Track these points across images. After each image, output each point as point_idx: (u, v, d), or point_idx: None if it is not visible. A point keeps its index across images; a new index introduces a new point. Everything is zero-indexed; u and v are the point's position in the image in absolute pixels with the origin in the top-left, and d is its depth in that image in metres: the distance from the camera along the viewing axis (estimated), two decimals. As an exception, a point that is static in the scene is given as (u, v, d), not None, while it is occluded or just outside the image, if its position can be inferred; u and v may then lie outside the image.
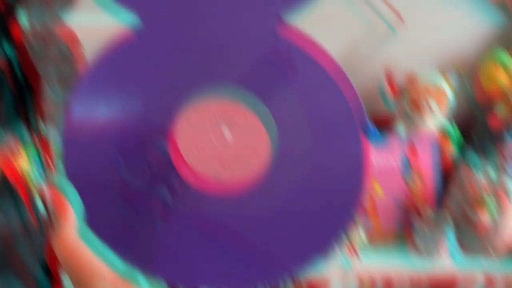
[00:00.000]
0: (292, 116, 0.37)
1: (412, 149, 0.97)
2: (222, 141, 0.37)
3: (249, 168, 0.37)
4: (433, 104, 0.98)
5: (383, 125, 1.08)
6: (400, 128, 1.03)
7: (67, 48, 0.85)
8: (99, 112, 0.36)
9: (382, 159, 0.96)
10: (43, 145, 0.90)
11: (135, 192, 0.36)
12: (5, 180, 0.78)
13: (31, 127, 0.88)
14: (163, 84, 0.36)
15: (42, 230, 0.84)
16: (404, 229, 0.99)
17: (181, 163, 0.36)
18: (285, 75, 0.36)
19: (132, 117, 0.36)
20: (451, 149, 0.98)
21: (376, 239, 0.98)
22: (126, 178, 0.36)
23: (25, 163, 0.84)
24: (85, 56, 0.88)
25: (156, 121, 0.36)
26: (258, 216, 0.37)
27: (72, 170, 0.36)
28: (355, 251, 0.92)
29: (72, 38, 0.86)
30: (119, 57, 0.37)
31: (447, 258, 0.91)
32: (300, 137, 0.37)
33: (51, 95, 0.85)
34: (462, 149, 1.01)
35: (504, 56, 1.05)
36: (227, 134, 0.37)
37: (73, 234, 0.35)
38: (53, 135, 0.92)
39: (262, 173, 0.37)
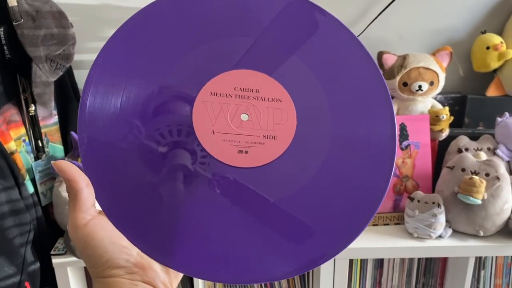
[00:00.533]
0: (319, 80, 0.36)
1: (404, 130, 0.97)
2: (248, 113, 0.35)
3: (275, 137, 0.35)
4: (424, 85, 0.98)
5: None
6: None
7: (57, 28, 0.84)
8: (121, 80, 0.35)
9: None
10: (33, 125, 0.90)
11: (157, 159, 0.34)
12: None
13: (21, 106, 0.88)
14: (189, 55, 0.36)
15: (30, 210, 0.84)
16: (395, 211, 0.99)
17: (204, 133, 0.35)
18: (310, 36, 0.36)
19: (158, 84, 0.35)
20: (442, 130, 0.98)
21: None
22: (148, 145, 0.34)
23: (14, 142, 0.84)
24: (74, 34, 0.87)
25: (182, 89, 0.35)
26: (285, 187, 0.35)
27: (92, 145, 0.34)
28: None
29: (61, 17, 0.85)
30: (144, 24, 0.36)
31: (437, 240, 0.91)
32: (326, 105, 0.36)
33: (41, 74, 0.84)
34: (453, 130, 1.01)
35: (495, 39, 1.05)
36: (252, 107, 0.35)
37: (86, 220, 0.33)
38: (43, 115, 0.92)
39: (288, 142, 0.35)
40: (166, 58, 0.35)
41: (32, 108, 0.88)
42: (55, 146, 0.97)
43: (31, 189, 0.86)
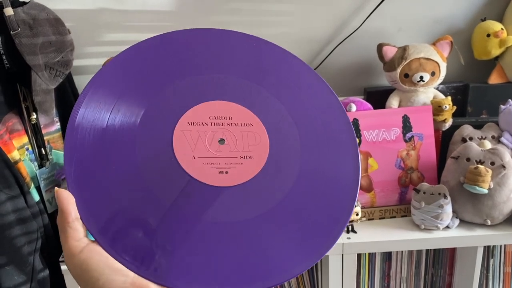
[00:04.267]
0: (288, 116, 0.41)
1: (407, 122, 0.96)
2: (224, 138, 0.39)
3: (252, 157, 0.38)
4: (425, 76, 0.98)
5: (377, 98, 1.07)
6: (394, 101, 1.03)
7: (54, 35, 0.84)
8: (111, 100, 0.38)
9: (377, 133, 0.96)
10: (35, 133, 0.90)
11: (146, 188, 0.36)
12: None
13: (23, 115, 0.88)
14: (166, 93, 0.39)
15: (37, 218, 0.84)
16: (401, 203, 0.99)
17: (185, 158, 0.37)
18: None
19: (140, 118, 0.38)
20: (446, 120, 0.98)
21: (373, 214, 0.97)
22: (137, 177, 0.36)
23: (18, 151, 0.84)
24: (72, 40, 0.87)
25: (162, 121, 0.38)
26: (264, 202, 0.37)
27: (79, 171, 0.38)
28: (352, 227, 0.92)
29: (58, 24, 0.85)
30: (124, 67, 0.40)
31: (445, 231, 0.90)
32: (293, 140, 0.40)
33: (40, 82, 0.84)
34: (456, 120, 1.00)
35: (495, 26, 1.04)
36: (226, 134, 0.39)
37: (81, 247, 0.34)
38: (45, 123, 0.92)
39: (264, 161, 0.39)
40: (149, 89, 0.40)
41: (34, 116, 0.88)
42: (58, 153, 0.97)
43: (36, 197, 0.86)
